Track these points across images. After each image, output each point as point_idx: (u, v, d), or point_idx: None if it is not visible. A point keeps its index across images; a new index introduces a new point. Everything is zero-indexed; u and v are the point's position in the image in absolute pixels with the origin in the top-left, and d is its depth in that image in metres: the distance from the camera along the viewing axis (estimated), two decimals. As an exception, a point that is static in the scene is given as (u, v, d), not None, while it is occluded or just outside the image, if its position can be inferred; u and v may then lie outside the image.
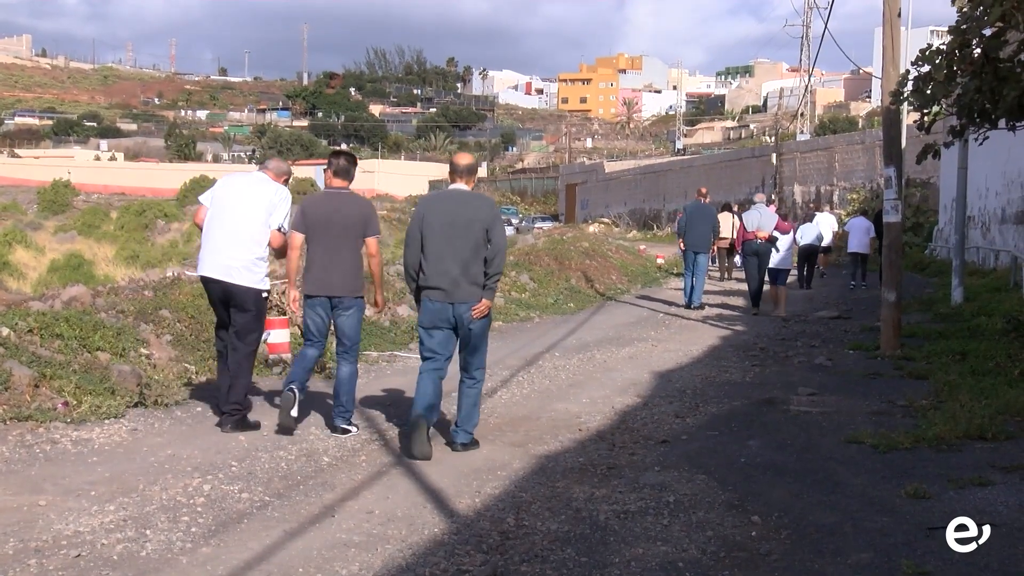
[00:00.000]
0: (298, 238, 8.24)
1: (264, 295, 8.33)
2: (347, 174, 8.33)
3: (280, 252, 8.41)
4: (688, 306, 18.57)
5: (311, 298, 8.20)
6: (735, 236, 20.31)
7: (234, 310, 8.20)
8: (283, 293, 10.70)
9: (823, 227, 24.03)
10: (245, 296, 8.12)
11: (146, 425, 8.18)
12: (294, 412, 8.00)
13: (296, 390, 8.01)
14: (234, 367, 8.23)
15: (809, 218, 24.50)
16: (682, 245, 19.04)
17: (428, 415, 7.55)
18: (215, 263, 8.13)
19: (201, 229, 8.36)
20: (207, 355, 10.60)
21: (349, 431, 8.16)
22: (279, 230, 8.25)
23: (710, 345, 13.74)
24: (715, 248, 22.09)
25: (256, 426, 8.22)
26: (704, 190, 20.74)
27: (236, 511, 6.05)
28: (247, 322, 8.23)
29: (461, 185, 7.88)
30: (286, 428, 8.02)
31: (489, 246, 7.56)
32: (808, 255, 23.46)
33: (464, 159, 8.05)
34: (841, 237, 26.73)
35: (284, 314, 11.61)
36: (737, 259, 24.30)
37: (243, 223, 8.14)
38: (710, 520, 5.96)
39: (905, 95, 11.56)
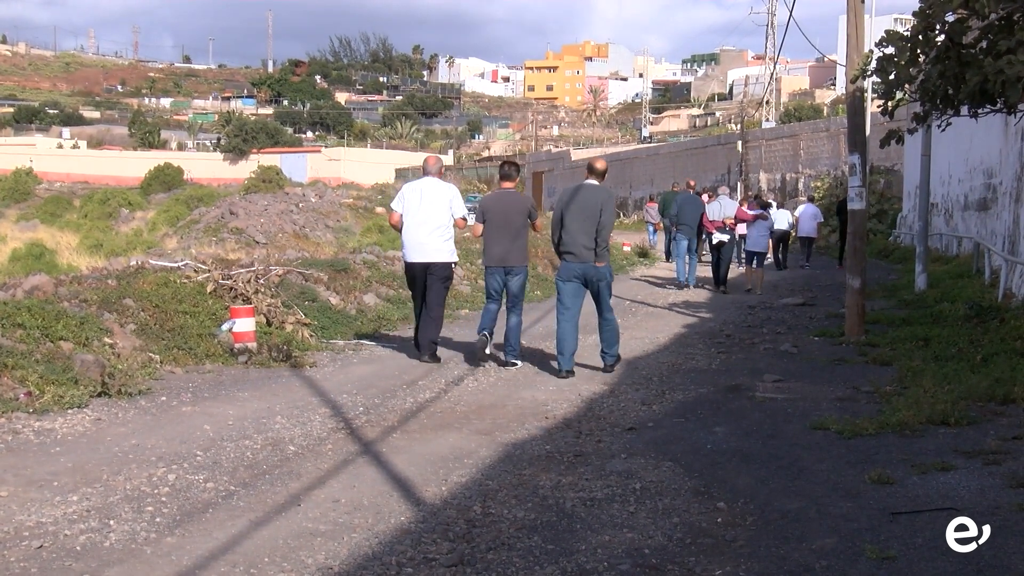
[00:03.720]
0: (479, 228, 11.13)
1: (454, 264, 11.48)
2: (511, 178, 11.33)
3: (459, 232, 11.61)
4: (681, 287, 20.26)
5: (490, 268, 11.12)
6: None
7: (431, 278, 11.12)
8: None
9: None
10: (441, 268, 11.15)
11: (110, 415, 8.11)
12: (488, 350, 10.99)
13: (487, 335, 10.98)
14: (433, 316, 11.16)
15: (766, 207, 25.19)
16: (670, 229, 22.28)
17: (569, 359, 10.40)
18: (419, 251, 11.10)
19: (396, 229, 11.49)
20: (171, 344, 10.55)
21: (516, 364, 10.83)
22: (462, 218, 11.32)
23: (676, 332, 13.78)
24: None
25: (440, 360, 11.08)
26: (692, 182, 24.90)
27: (201, 501, 6.02)
28: (441, 286, 11.24)
29: (593, 181, 10.50)
30: (479, 360, 10.91)
31: (600, 220, 10.14)
32: (781, 239, 25.80)
33: (600, 164, 10.72)
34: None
35: (249, 302, 11.57)
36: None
37: (434, 218, 11.06)
38: (676, 507, 5.98)
39: (868, 72, 11.62)
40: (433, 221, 11.07)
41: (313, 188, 64.75)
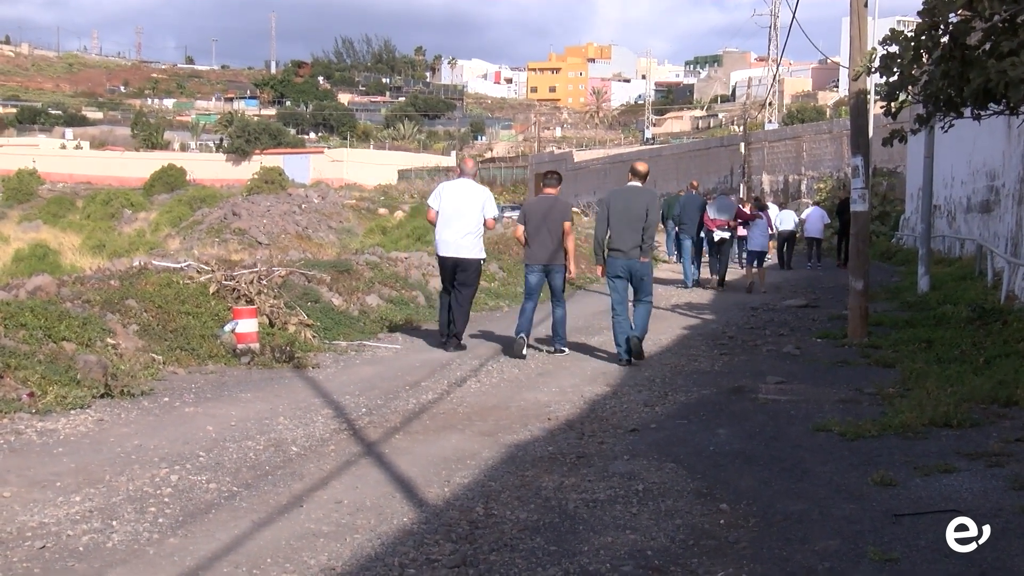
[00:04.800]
0: (520, 229, 12.02)
1: (482, 261, 12.29)
2: (552, 185, 12.14)
3: (489, 231, 12.37)
4: (688, 287, 20.45)
5: (530, 266, 11.91)
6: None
7: (460, 273, 11.89)
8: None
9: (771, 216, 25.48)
10: (471, 264, 11.97)
11: (112, 415, 8.11)
12: (524, 351, 11.54)
13: (524, 337, 11.65)
14: (460, 309, 11.96)
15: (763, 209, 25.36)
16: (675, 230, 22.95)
17: (626, 339, 11.19)
18: (451, 246, 11.84)
19: (433, 224, 12.10)
20: (174, 344, 10.56)
21: (564, 351, 11.87)
22: (493, 218, 12.02)
23: (679, 334, 13.77)
24: None
25: (465, 347, 12.07)
26: (695, 183, 24.85)
27: (204, 501, 6.02)
28: (469, 281, 12.01)
29: (636, 183, 11.45)
30: (518, 356, 11.45)
31: (647, 220, 11.04)
32: (787, 239, 26.41)
33: (642, 166, 11.67)
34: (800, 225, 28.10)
35: (252, 303, 11.57)
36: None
37: (467, 216, 11.81)
38: (679, 508, 5.98)
39: (872, 69, 11.61)
40: (466, 221, 11.82)
41: (316, 189, 64.93)
